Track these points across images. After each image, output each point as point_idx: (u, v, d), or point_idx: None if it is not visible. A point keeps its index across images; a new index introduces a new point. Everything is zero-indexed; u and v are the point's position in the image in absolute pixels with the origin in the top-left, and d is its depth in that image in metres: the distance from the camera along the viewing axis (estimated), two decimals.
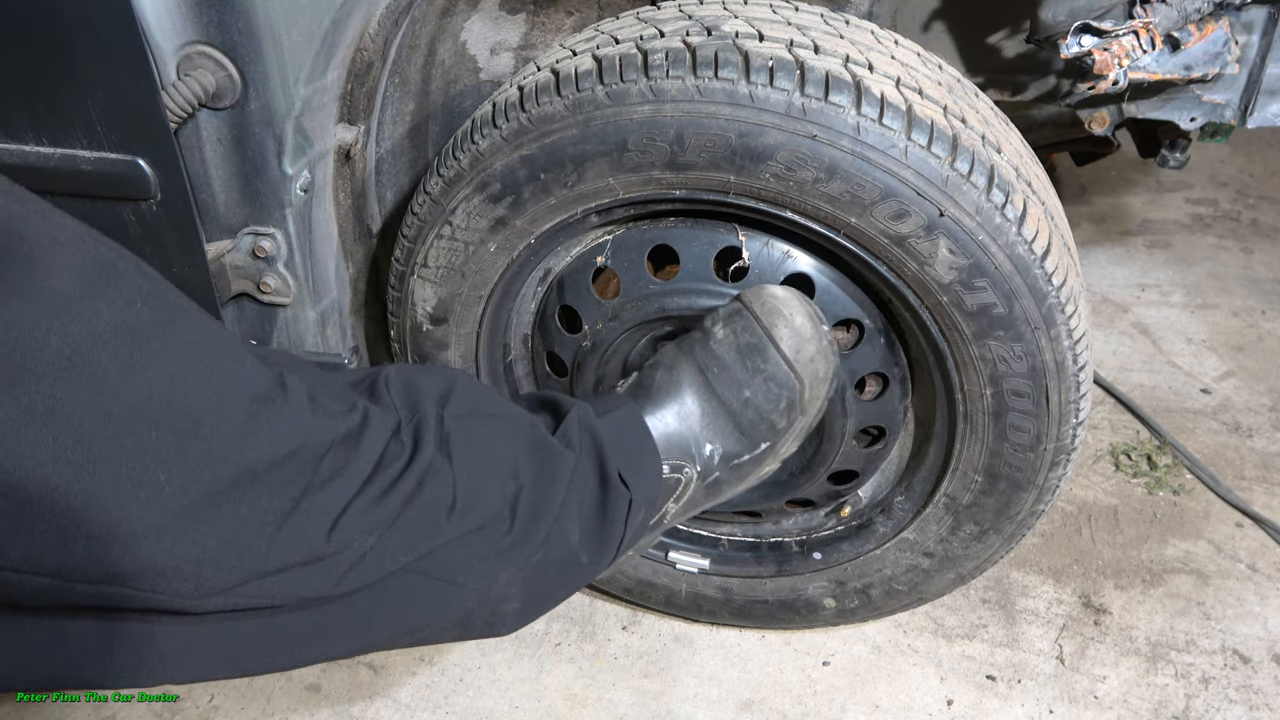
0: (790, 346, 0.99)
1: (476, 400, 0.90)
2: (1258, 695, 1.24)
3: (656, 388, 1.02)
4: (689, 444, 1.01)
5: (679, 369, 1.03)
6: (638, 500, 0.95)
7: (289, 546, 0.71)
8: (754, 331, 1.00)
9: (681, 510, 1.04)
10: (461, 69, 1.25)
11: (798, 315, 1.00)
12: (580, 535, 0.92)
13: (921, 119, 0.90)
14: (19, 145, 1.01)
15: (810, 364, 1.01)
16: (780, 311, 1.00)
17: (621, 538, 0.96)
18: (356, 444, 0.77)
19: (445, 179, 1.05)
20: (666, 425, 1.00)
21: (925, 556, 1.18)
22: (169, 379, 0.65)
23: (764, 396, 1.01)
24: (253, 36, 0.97)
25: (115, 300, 0.64)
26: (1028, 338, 0.96)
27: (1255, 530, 1.49)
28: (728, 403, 1.01)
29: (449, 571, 0.83)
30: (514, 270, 1.11)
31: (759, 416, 1.01)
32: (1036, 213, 0.94)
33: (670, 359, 1.04)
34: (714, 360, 1.01)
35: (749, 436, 1.02)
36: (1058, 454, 1.04)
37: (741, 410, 1.01)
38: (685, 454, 1.01)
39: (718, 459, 1.02)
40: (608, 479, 0.94)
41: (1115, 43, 1.08)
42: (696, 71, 0.92)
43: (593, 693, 1.27)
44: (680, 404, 1.01)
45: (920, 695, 1.25)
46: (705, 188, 0.99)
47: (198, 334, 0.70)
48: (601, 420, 0.97)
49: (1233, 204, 2.49)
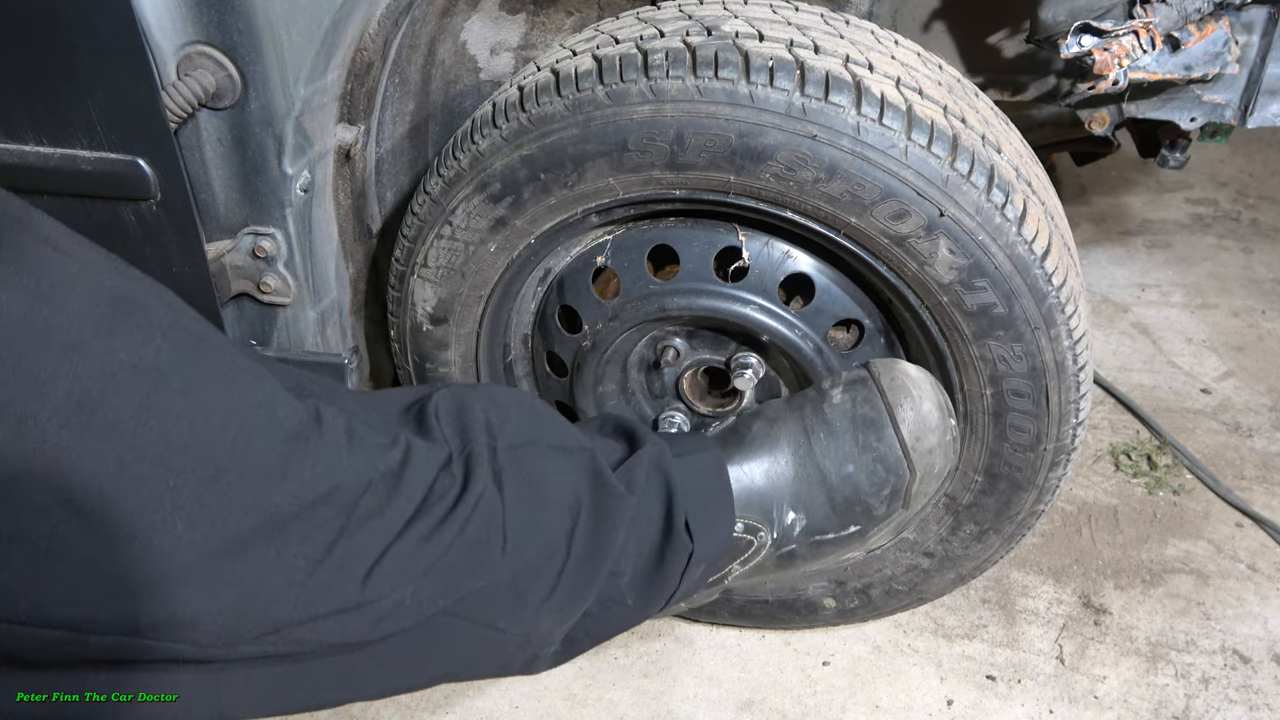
0: (911, 431, 0.92)
1: (535, 428, 0.84)
2: (1258, 695, 1.24)
3: (752, 438, 0.94)
4: (771, 506, 0.92)
5: (781, 424, 0.94)
6: (699, 554, 0.88)
7: (320, 595, 0.67)
8: (875, 405, 0.92)
9: (747, 574, 0.96)
10: (461, 69, 1.25)
11: (926, 400, 0.93)
12: (631, 578, 0.86)
13: (921, 119, 0.90)
14: (19, 145, 1.01)
15: (928, 455, 0.93)
16: (909, 391, 0.93)
17: (675, 590, 0.89)
18: (398, 481, 0.71)
19: (445, 179, 1.05)
20: (752, 480, 0.91)
21: (925, 556, 1.18)
22: (189, 421, 0.61)
23: (868, 476, 0.92)
24: (253, 36, 0.97)
25: (132, 336, 0.61)
26: (1028, 338, 0.96)
27: (1255, 530, 1.49)
28: (826, 473, 0.92)
29: (490, 615, 0.78)
30: (514, 270, 1.11)
31: (856, 496, 0.93)
32: (1036, 213, 0.94)
33: (775, 412, 0.96)
34: (823, 424, 0.93)
35: (840, 515, 0.93)
36: (1058, 454, 1.04)
37: (839, 485, 0.92)
38: (765, 516, 0.92)
39: (799, 530, 0.93)
40: (672, 526, 0.86)
41: (1115, 43, 1.08)
42: (696, 71, 0.92)
43: (593, 693, 1.27)
44: (773, 461, 0.92)
45: (920, 695, 1.25)
46: (705, 188, 0.99)
47: (223, 369, 0.65)
48: (679, 461, 0.89)
49: (1233, 204, 2.49)
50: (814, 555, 0.96)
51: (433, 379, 1.20)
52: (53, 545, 0.57)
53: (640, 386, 1.21)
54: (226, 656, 0.65)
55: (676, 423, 1.18)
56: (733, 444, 0.94)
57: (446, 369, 1.19)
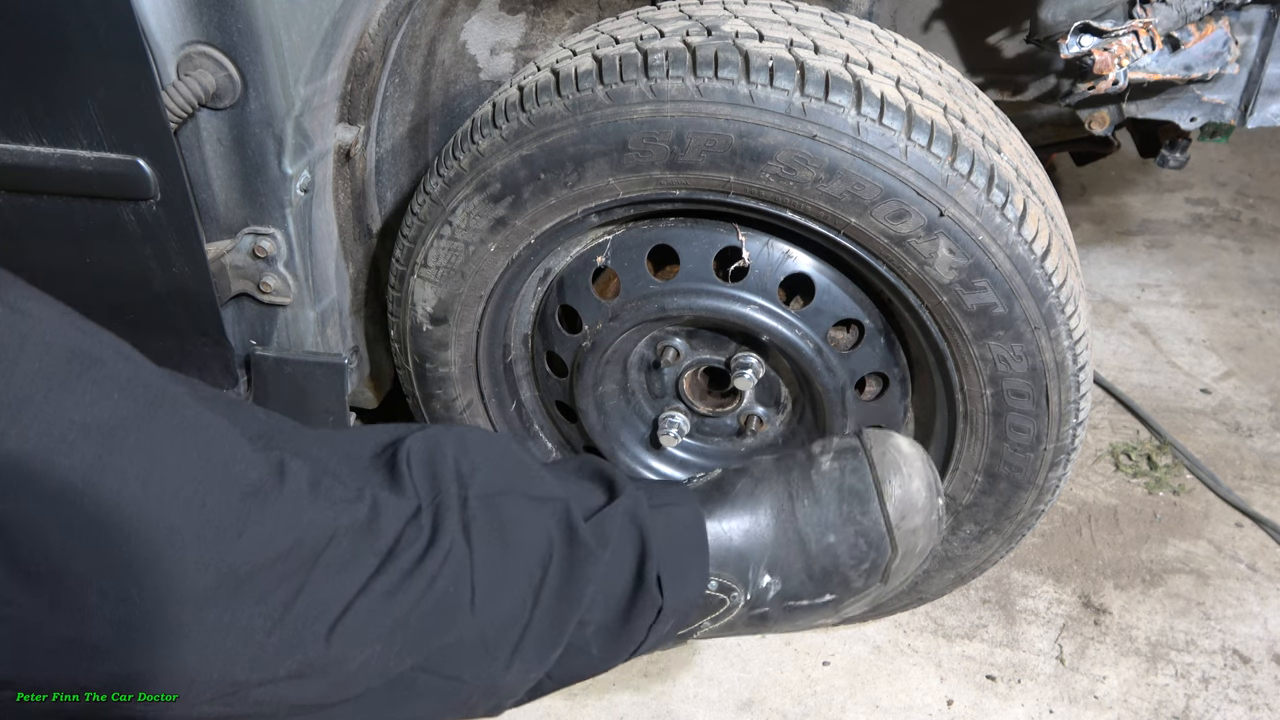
0: (897, 508, 0.91)
1: (509, 475, 0.83)
2: (1258, 695, 1.24)
3: (735, 495, 0.92)
4: (747, 567, 0.91)
5: (766, 484, 0.93)
6: (669, 609, 0.87)
7: (280, 655, 0.65)
8: (863, 477, 0.91)
9: (717, 631, 0.95)
10: (461, 69, 1.25)
11: (916, 478, 0.92)
12: (597, 629, 0.85)
13: (921, 119, 0.90)
14: (19, 145, 1.01)
15: (911, 534, 0.92)
16: (900, 467, 0.92)
17: (641, 643, 0.88)
18: (364, 534, 0.70)
19: (445, 179, 1.05)
20: (730, 539, 0.90)
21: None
22: (142, 482, 0.60)
23: (849, 549, 0.91)
24: (253, 36, 0.97)
25: (85, 393, 0.59)
26: (1028, 338, 0.96)
27: (1255, 530, 1.49)
28: (806, 540, 0.91)
29: (458, 669, 0.77)
30: (514, 270, 1.11)
31: (835, 567, 0.92)
32: (1036, 213, 0.94)
33: (761, 470, 0.95)
34: (809, 490, 0.92)
35: (816, 583, 0.92)
36: (1058, 454, 1.04)
37: (819, 554, 0.91)
38: (740, 576, 0.91)
39: (773, 593, 0.92)
40: (643, 579, 0.85)
41: (1115, 43, 1.08)
42: (696, 71, 0.92)
43: (593, 692, 1.27)
44: (754, 521, 0.91)
45: (920, 695, 1.25)
46: (705, 188, 0.99)
47: (182, 424, 0.64)
48: (656, 514, 0.88)
49: (1233, 204, 2.49)
50: (786, 619, 0.95)
51: (432, 379, 1.20)
52: (0, 608, 0.55)
53: (640, 386, 1.21)
54: (185, 717, 0.64)
55: (676, 423, 1.18)
56: (714, 499, 0.93)
57: (446, 369, 1.19)
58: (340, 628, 0.68)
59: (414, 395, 1.24)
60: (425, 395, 1.23)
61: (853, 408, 1.09)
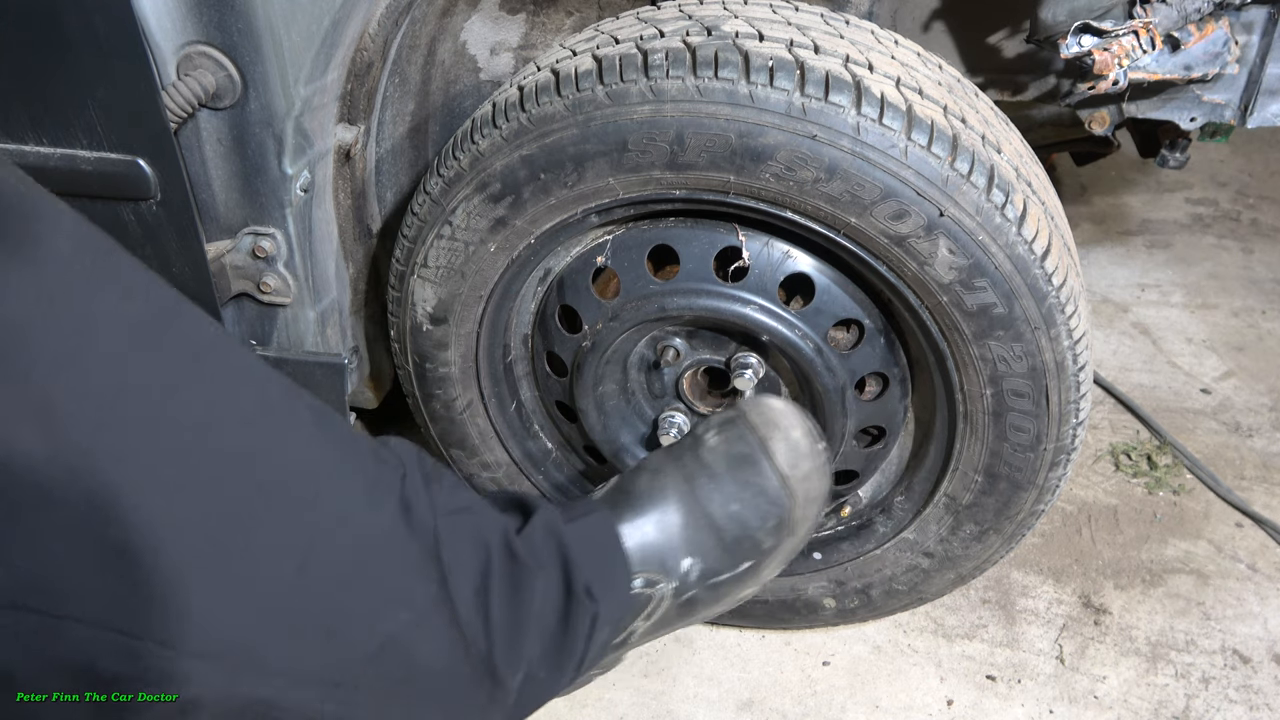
0: (785, 461, 0.94)
1: (461, 495, 0.85)
2: (1258, 695, 1.24)
3: (638, 494, 0.95)
4: (666, 557, 0.93)
5: (664, 475, 0.96)
6: (603, 616, 0.89)
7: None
8: (748, 441, 0.94)
9: (650, 630, 0.97)
10: (461, 69, 1.25)
11: (795, 429, 0.95)
12: (541, 649, 0.86)
13: (921, 119, 0.90)
14: (19, 145, 1.01)
15: (804, 481, 0.95)
16: (777, 424, 0.95)
17: (583, 655, 0.89)
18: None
19: (445, 179, 1.05)
20: (644, 536, 0.93)
21: (925, 556, 1.18)
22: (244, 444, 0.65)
23: (752, 512, 0.94)
24: (253, 36, 0.97)
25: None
26: (1028, 338, 0.96)
27: (1255, 530, 1.49)
28: (713, 515, 0.94)
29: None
30: (514, 270, 1.11)
31: (745, 532, 0.94)
32: (1036, 213, 0.94)
33: (656, 464, 0.98)
34: (703, 469, 0.95)
35: (732, 554, 0.95)
36: (1058, 454, 1.04)
37: (727, 525, 0.94)
38: (661, 568, 0.93)
39: (695, 575, 0.95)
40: (573, 591, 0.87)
41: (1115, 43, 1.08)
42: (696, 71, 0.92)
43: (593, 693, 1.27)
44: (662, 513, 0.94)
45: (920, 695, 1.25)
46: (705, 188, 0.99)
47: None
48: (570, 527, 0.90)
49: (1233, 204, 2.49)
50: (714, 599, 0.97)
51: (432, 379, 1.20)
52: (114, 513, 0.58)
53: (640, 386, 1.21)
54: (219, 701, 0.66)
55: (676, 423, 1.18)
56: (622, 503, 0.95)
57: (446, 369, 1.19)
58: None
59: (414, 395, 1.24)
60: (425, 395, 1.23)
61: (853, 408, 1.09)
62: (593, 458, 1.28)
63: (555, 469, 1.31)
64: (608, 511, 0.94)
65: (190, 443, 0.63)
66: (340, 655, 0.70)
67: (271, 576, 0.66)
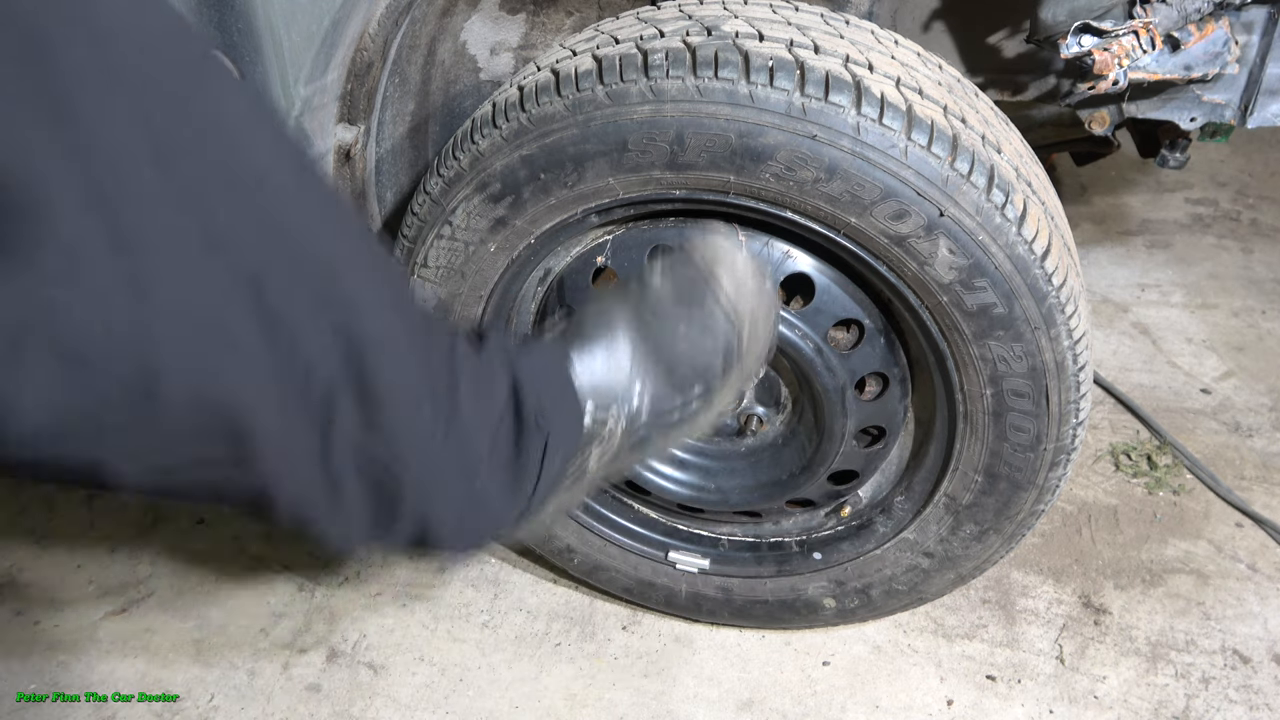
0: (730, 292, 0.95)
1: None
2: (1258, 695, 1.24)
3: (588, 328, 0.96)
4: (616, 390, 0.95)
5: (613, 311, 0.97)
6: (554, 441, 0.91)
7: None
8: (695, 273, 0.95)
9: (604, 463, 0.98)
10: (461, 69, 1.25)
11: (739, 261, 0.95)
12: (491, 469, 0.88)
13: (921, 119, 0.90)
14: None
15: (750, 313, 0.96)
16: (721, 255, 0.95)
17: (537, 478, 0.91)
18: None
19: (445, 179, 1.05)
20: (594, 370, 0.94)
21: (925, 556, 1.18)
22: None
23: (700, 343, 0.95)
24: (253, 36, 0.97)
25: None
26: (1028, 338, 0.96)
27: (1255, 530, 1.49)
28: (662, 348, 0.95)
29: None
30: (514, 270, 1.11)
31: (693, 365, 0.96)
32: (1036, 213, 0.94)
33: (606, 301, 0.99)
34: (650, 304, 0.96)
35: (681, 386, 0.97)
36: (1058, 454, 1.04)
37: (677, 356, 0.95)
38: (611, 398, 0.95)
39: (646, 409, 0.96)
40: (523, 415, 0.89)
41: (1115, 43, 1.08)
42: (696, 71, 0.92)
43: (593, 692, 1.27)
44: (611, 346, 0.95)
45: (920, 695, 1.25)
46: (705, 188, 0.99)
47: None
48: (522, 355, 0.92)
49: (1233, 204, 2.49)
50: (663, 432, 0.99)
51: None
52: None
53: None
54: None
55: None
56: (572, 336, 0.97)
57: None
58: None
59: None
60: None
61: (853, 407, 1.09)
62: None
63: None
64: (558, 344, 0.96)
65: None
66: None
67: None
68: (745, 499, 1.21)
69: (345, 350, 0.72)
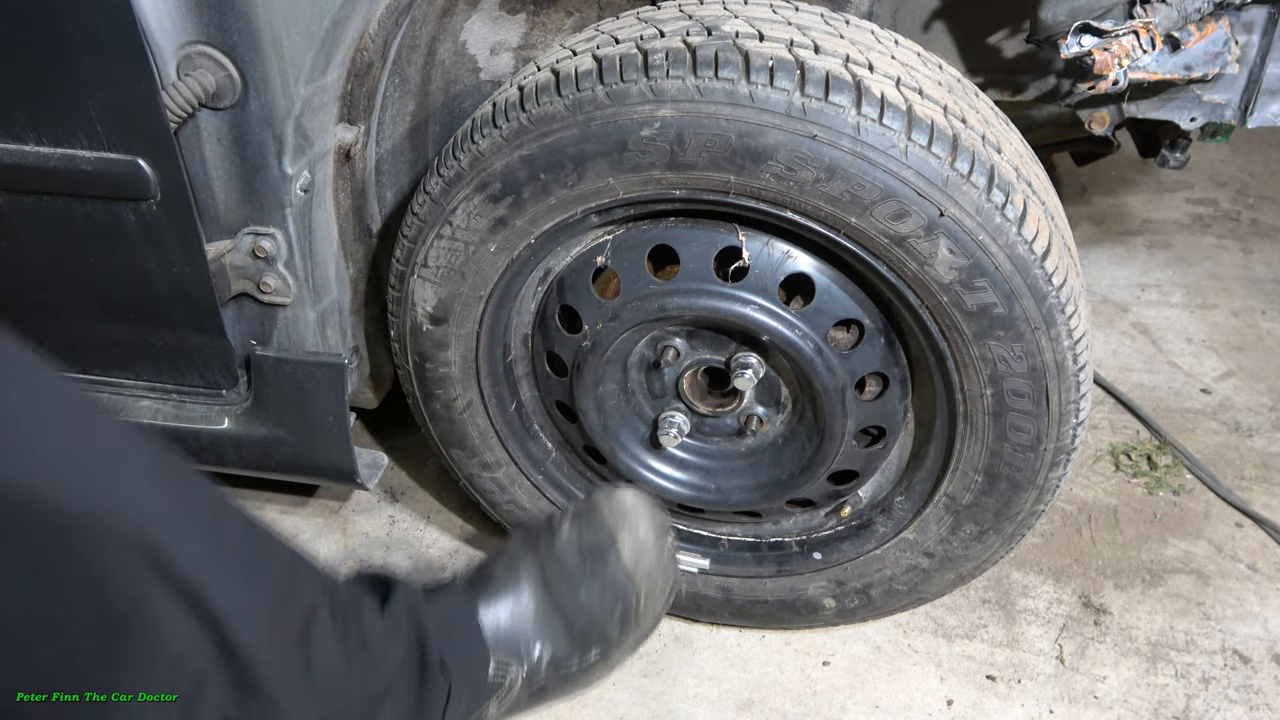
0: (632, 554, 0.98)
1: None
2: (1258, 695, 1.24)
3: (496, 580, 0.99)
4: (519, 643, 0.98)
5: (519, 562, 1.00)
6: (457, 692, 0.92)
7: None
8: (599, 534, 0.99)
9: (503, 712, 1.00)
10: (461, 69, 1.25)
11: (643, 523, 0.99)
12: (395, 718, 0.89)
13: (922, 119, 0.90)
14: (19, 145, 1.01)
15: (648, 575, 1.00)
16: (626, 517, 0.99)
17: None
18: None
19: (445, 179, 1.05)
20: (499, 621, 0.97)
21: (925, 556, 1.18)
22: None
23: (599, 601, 0.98)
24: (253, 36, 0.97)
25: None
26: (1028, 338, 0.96)
27: (1255, 530, 1.49)
28: (563, 605, 0.98)
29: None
30: (514, 270, 1.11)
31: (592, 623, 0.99)
32: (1036, 213, 0.94)
33: (513, 550, 1.02)
34: (555, 559, 0.99)
35: (580, 644, 0.99)
36: (1058, 454, 1.04)
37: (576, 614, 0.98)
38: (514, 653, 0.97)
39: (545, 663, 0.99)
40: (428, 668, 0.90)
41: (1115, 43, 1.08)
42: (697, 71, 0.92)
43: (593, 692, 1.27)
44: (516, 600, 0.98)
45: (920, 695, 1.25)
46: (705, 188, 0.99)
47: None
48: (429, 605, 0.94)
49: (1233, 204, 2.49)
50: (562, 687, 1.02)
51: (432, 379, 1.20)
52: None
53: (640, 386, 1.21)
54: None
55: (676, 423, 1.18)
56: (480, 586, 0.99)
57: (446, 369, 1.19)
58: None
59: (414, 395, 1.24)
60: (425, 395, 1.23)
61: (853, 408, 1.09)
62: (593, 458, 1.28)
63: (555, 469, 1.31)
64: (467, 594, 0.98)
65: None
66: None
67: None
68: (745, 499, 1.21)
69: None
